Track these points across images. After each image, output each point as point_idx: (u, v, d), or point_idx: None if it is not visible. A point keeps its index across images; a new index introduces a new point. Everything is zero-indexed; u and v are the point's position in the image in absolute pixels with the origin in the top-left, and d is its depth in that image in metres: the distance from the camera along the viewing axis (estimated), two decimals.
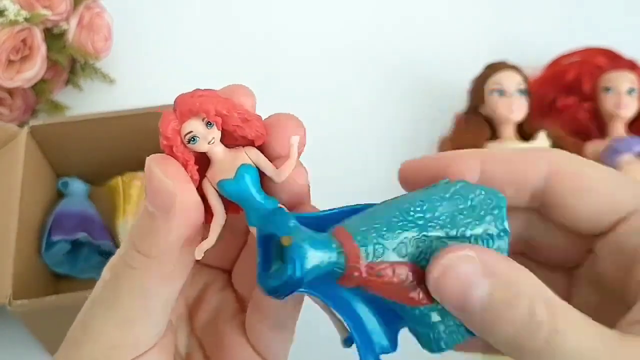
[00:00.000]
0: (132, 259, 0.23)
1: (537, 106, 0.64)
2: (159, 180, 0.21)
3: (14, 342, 0.54)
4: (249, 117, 0.23)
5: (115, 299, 0.23)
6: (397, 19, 0.80)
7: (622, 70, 0.65)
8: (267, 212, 0.22)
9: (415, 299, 0.22)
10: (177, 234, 0.22)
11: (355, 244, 0.21)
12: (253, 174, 0.23)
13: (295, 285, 0.20)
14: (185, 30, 0.78)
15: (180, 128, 0.22)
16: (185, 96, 0.22)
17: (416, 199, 0.22)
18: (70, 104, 0.68)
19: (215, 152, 0.23)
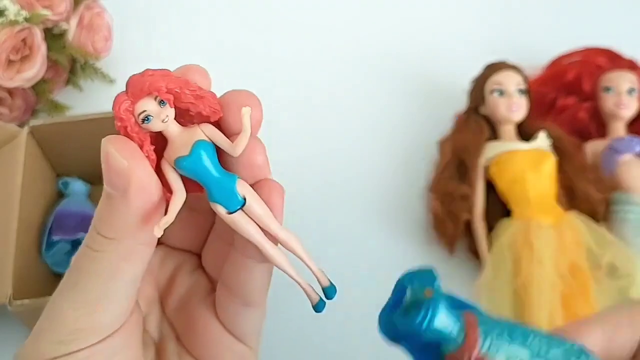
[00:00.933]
0: (93, 242, 0.23)
1: (537, 106, 0.64)
2: (115, 159, 0.22)
3: (14, 342, 0.53)
4: (202, 94, 0.23)
5: (76, 282, 0.23)
6: (397, 19, 0.80)
7: (622, 70, 0.65)
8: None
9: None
10: (135, 213, 0.22)
11: (478, 330, 0.22)
12: (209, 149, 0.23)
13: (415, 335, 0.22)
14: (185, 30, 0.78)
15: (133, 109, 0.22)
16: (136, 76, 0.22)
17: (543, 334, 0.23)
18: (70, 104, 0.68)
19: (171, 130, 0.23)
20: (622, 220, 0.59)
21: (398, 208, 0.64)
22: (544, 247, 0.55)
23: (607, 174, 0.61)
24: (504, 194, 0.59)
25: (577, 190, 0.60)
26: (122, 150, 0.22)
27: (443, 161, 0.63)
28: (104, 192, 0.22)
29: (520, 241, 0.56)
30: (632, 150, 0.61)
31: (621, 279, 0.55)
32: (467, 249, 0.60)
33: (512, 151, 0.60)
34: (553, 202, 0.59)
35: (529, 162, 0.59)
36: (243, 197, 0.23)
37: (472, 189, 0.60)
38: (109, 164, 0.22)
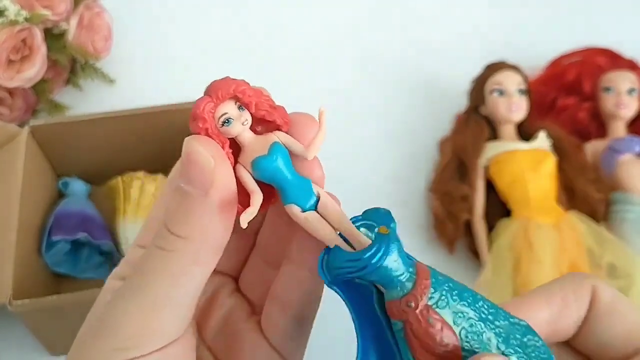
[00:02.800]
0: (164, 241, 0.22)
1: (537, 106, 0.64)
2: (201, 156, 0.21)
3: (14, 342, 0.54)
4: (276, 106, 0.23)
5: (143, 283, 0.21)
6: (397, 19, 0.80)
7: (622, 70, 0.65)
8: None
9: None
10: (213, 212, 0.21)
11: (428, 281, 0.21)
12: (285, 152, 0.23)
13: (364, 270, 0.21)
14: (185, 30, 0.78)
15: (215, 111, 0.22)
16: (219, 81, 0.23)
17: (490, 301, 0.23)
18: (70, 104, 0.68)
19: (246, 136, 0.23)
20: (621, 220, 0.59)
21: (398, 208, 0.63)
22: (544, 247, 0.55)
23: (606, 174, 0.61)
24: (504, 193, 0.59)
25: (577, 190, 0.60)
26: (208, 149, 0.21)
27: (443, 161, 0.63)
28: (178, 190, 0.22)
29: (520, 241, 0.56)
30: (632, 150, 0.61)
31: (621, 279, 0.55)
32: (467, 249, 0.60)
33: (512, 151, 0.60)
34: (553, 202, 0.59)
35: (529, 162, 0.59)
36: (317, 196, 0.23)
37: (472, 189, 0.60)
38: (194, 160, 0.21)
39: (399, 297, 0.21)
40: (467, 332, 0.21)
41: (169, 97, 0.58)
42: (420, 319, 0.21)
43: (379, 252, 0.21)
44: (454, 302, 0.21)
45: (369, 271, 0.21)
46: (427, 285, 0.21)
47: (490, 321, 0.22)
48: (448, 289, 0.22)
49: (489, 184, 0.61)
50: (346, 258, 0.21)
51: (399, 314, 0.21)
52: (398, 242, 0.22)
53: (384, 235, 0.21)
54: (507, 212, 0.59)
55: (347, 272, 0.21)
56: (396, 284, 0.21)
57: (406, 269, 0.22)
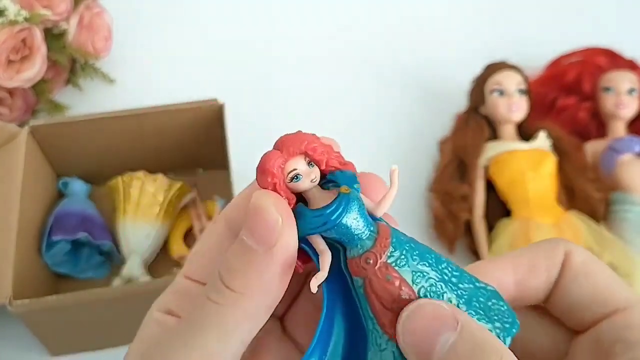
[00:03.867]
0: (217, 294, 0.21)
1: (537, 106, 0.64)
2: (270, 213, 0.21)
3: (14, 342, 0.54)
4: (346, 162, 0.23)
5: (192, 335, 0.21)
6: (397, 20, 0.80)
7: (622, 70, 0.65)
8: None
9: (394, 323, 0.22)
10: (273, 271, 0.21)
11: (388, 240, 0.22)
12: (353, 199, 0.23)
13: (326, 226, 0.22)
14: (185, 30, 0.78)
15: (284, 166, 0.22)
16: (291, 136, 0.23)
17: (456, 265, 0.23)
18: (70, 104, 0.68)
19: (314, 192, 0.23)
20: (621, 220, 0.59)
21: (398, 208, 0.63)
22: None
23: (606, 174, 0.61)
24: (504, 193, 0.59)
25: (577, 190, 0.60)
26: (277, 206, 0.21)
27: (443, 161, 0.63)
28: (240, 244, 0.21)
29: (520, 241, 0.56)
30: (631, 150, 0.61)
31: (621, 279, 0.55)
32: (467, 249, 0.60)
33: (512, 151, 0.60)
34: (553, 202, 0.59)
35: (528, 162, 0.59)
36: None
37: (472, 189, 0.60)
38: (261, 216, 0.21)
39: (359, 254, 0.22)
40: (427, 291, 0.22)
41: (169, 97, 0.58)
42: (379, 276, 0.22)
43: (339, 209, 0.22)
44: (414, 261, 0.22)
45: (329, 227, 0.22)
46: (387, 244, 0.22)
47: (453, 283, 0.22)
48: (409, 249, 0.22)
49: (489, 184, 0.61)
50: (310, 215, 0.22)
51: (359, 271, 0.22)
52: (359, 202, 0.22)
53: (345, 194, 0.22)
54: (507, 212, 0.59)
55: (310, 227, 0.22)
56: (357, 241, 0.22)
57: (367, 228, 0.22)
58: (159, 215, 0.56)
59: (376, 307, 0.22)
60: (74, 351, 0.53)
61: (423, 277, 0.22)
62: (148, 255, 0.55)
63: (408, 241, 0.23)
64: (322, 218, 0.22)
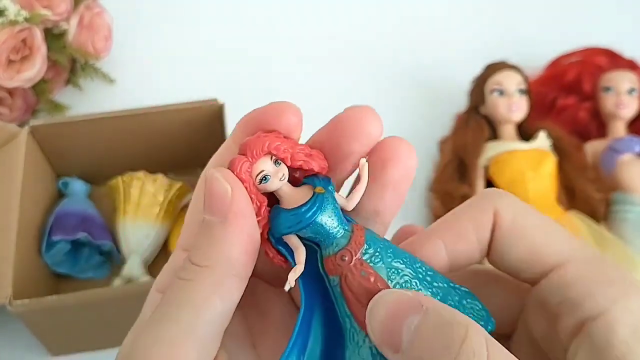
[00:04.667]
0: (184, 271, 0.22)
1: (537, 106, 0.64)
2: (219, 184, 0.22)
3: (14, 342, 0.54)
4: (311, 152, 0.24)
5: (167, 313, 0.22)
6: (397, 20, 0.80)
7: (622, 70, 0.65)
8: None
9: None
10: (232, 240, 0.22)
11: (363, 238, 0.23)
12: (326, 199, 0.23)
13: (301, 224, 0.22)
14: (185, 30, 0.78)
15: (251, 169, 0.23)
16: (253, 138, 0.23)
17: (430, 266, 0.23)
18: (70, 104, 0.68)
19: (284, 190, 0.23)
20: (621, 220, 0.59)
21: None
22: None
23: (606, 174, 0.61)
24: None
25: (577, 190, 0.60)
26: (225, 177, 0.22)
27: (443, 161, 0.63)
28: (202, 223, 0.22)
29: None
30: (632, 150, 0.61)
31: None
32: None
33: (512, 151, 0.60)
34: (553, 202, 0.59)
35: (529, 162, 0.59)
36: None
37: (472, 189, 0.60)
38: (212, 189, 0.22)
39: (334, 252, 0.23)
40: (402, 287, 0.22)
41: (169, 97, 0.58)
42: (354, 272, 0.22)
43: (313, 208, 0.22)
44: (389, 259, 0.22)
45: (304, 225, 0.22)
46: (362, 241, 0.22)
47: (427, 281, 0.23)
48: (383, 247, 0.23)
49: (489, 183, 0.61)
50: (285, 214, 0.23)
51: (335, 269, 0.22)
52: (333, 202, 0.23)
53: (320, 194, 0.23)
54: None
55: (286, 226, 0.23)
56: (332, 239, 0.23)
57: (341, 226, 0.23)
58: (159, 215, 0.56)
59: (352, 303, 0.22)
60: (74, 351, 0.53)
61: (398, 273, 0.22)
62: (148, 255, 0.55)
63: (382, 240, 0.23)
64: (297, 217, 0.22)
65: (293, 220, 0.22)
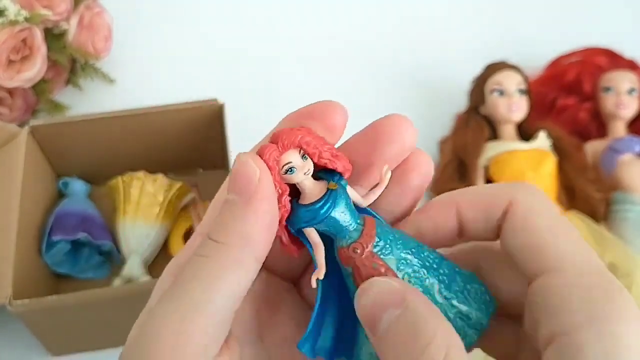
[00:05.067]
0: (201, 248, 0.22)
1: (537, 106, 0.64)
2: (249, 167, 0.22)
3: (14, 342, 0.54)
4: (337, 153, 0.25)
5: (180, 288, 0.22)
6: (397, 20, 0.80)
7: (622, 70, 0.65)
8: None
9: None
10: (253, 221, 0.22)
11: (374, 231, 0.24)
12: (340, 195, 0.24)
13: (315, 220, 0.23)
14: (185, 30, 0.78)
15: (279, 159, 0.23)
16: (286, 130, 0.24)
17: (436, 253, 0.25)
18: (70, 104, 0.68)
19: (306, 183, 0.24)
20: (622, 220, 0.59)
21: None
22: None
23: (606, 174, 0.61)
24: None
25: (577, 190, 0.60)
26: (256, 161, 0.23)
27: (443, 161, 0.63)
28: (225, 203, 0.23)
29: None
30: (632, 150, 0.61)
31: (621, 279, 0.55)
32: None
33: (512, 151, 0.60)
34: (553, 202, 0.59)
35: (529, 162, 0.59)
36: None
37: None
38: (241, 170, 0.23)
39: (347, 245, 0.24)
40: (410, 277, 0.23)
41: (169, 97, 0.58)
42: (366, 264, 0.23)
43: (327, 204, 0.23)
44: (398, 250, 0.24)
45: (319, 220, 0.24)
46: (373, 235, 0.24)
47: (434, 269, 0.24)
48: (393, 239, 0.24)
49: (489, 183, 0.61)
50: (302, 210, 0.24)
51: (347, 260, 0.24)
52: (346, 197, 0.24)
53: (333, 190, 0.24)
54: None
55: (303, 221, 0.24)
56: (345, 233, 0.24)
57: (354, 221, 0.24)
58: (159, 216, 0.56)
59: None
60: (74, 351, 0.53)
61: (407, 264, 0.23)
62: (148, 255, 0.55)
63: (392, 232, 0.24)
64: (312, 213, 0.24)
65: (309, 216, 0.24)
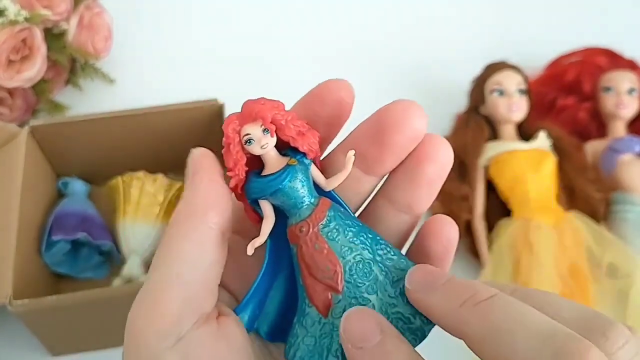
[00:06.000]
0: (168, 226, 0.24)
1: (537, 106, 0.64)
2: (195, 150, 0.25)
3: (14, 342, 0.54)
4: (305, 132, 0.25)
5: (151, 267, 0.24)
6: (397, 20, 0.80)
7: (622, 70, 0.65)
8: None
9: (319, 294, 0.23)
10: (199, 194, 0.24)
11: (324, 213, 0.24)
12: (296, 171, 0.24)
13: (265, 192, 0.24)
14: (185, 30, 0.78)
15: (239, 130, 0.24)
16: (250, 101, 0.24)
17: (396, 249, 0.25)
18: (70, 104, 0.68)
19: (268, 157, 0.25)
20: (622, 220, 0.59)
21: None
22: (544, 248, 0.55)
23: (606, 174, 0.61)
24: (504, 194, 0.59)
25: (577, 190, 0.60)
26: (200, 149, 0.25)
27: None
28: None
29: (520, 241, 0.56)
30: (632, 150, 0.61)
31: (621, 279, 0.55)
32: (467, 249, 0.60)
33: (512, 151, 0.60)
34: (553, 202, 0.59)
35: (529, 162, 0.59)
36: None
37: (472, 189, 0.60)
38: (192, 155, 0.25)
39: (296, 222, 0.24)
40: (353, 266, 0.23)
41: (169, 97, 0.58)
42: (308, 244, 0.23)
43: (279, 178, 0.24)
44: (346, 237, 0.24)
45: (269, 192, 0.24)
46: (322, 215, 0.24)
47: (385, 265, 0.24)
48: (345, 225, 0.24)
49: (489, 184, 0.61)
50: (255, 181, 0.24)
51: (293, 238, 0.24)
52: (303, 174, 0.24)
53: (292, 165, 0.24)
54: (507, 212, 0.59)
55: (254, 192, 0.24)
56: (296, 210, 0.24)
57: (308, 199, 0.24)
58: (159, 216, 0.56)
59: (304, 273, 0.24)
60: (74, 351, 0.53)
61: (352, 252, 0.23)
62: (148, 255, 0.55)
63: (349, 218, 0.24)
64: (263, 184, 0.24)
65: (259, 187, 0.24)
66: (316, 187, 0.25)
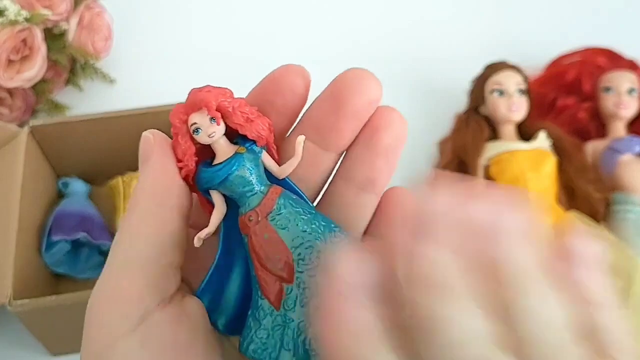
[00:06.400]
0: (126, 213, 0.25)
1: (537, 106, 0.64)
2: (145, 135, 0.26)
3: (14, 342, 0.54)
4: (253, 118, 0.24)
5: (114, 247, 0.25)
6: (397, 20, 0.80)
7: (622, 70, 0.65)
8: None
9: (270, 286, 0.23)
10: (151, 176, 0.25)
11: (274, 202, 0.23)
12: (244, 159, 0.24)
13: (213, 181, 0.23)
14: (185, 30, 0.78)
15: (186, 119, 0.24)
16: (195, 90, 0.24)
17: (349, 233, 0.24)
18: (70, 104, 0.68)
19: (217, 147, 0.24)
20: (622, 220, 0.59)
21: None
22: None
23: (607, 174, 0.61)
24: None
25: (577, 190, 0.60)
26: (152, 130, 0.26)
27: (443, 161, 0.63)
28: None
29: None
30: (632, 150, 0.61)
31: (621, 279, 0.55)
32: None
33: (512, 151, 0.60)
34: (553, 202, 0.59)
35: (529, 162, 0.59)
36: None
37: None
38: (142, 141, 0.25)
39: (246, 212, 0.23)
40: (303, 257, 0.22)
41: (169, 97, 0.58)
42: (257, 233, 0.23)
43: (226, 167, 0.23)
44: (297, 227, 0.23)
45: (215, 182, 0.23)
46: (272, 204, 0.23)
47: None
48: (295, 213, 0.23)
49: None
50: (203, 171, 0.24)
51: (244, 228, 0.23)
52: (252, 162, 0.23)
53: (239, 154, 0.23)
54: None
55: (203, 182, 0.24)
56: (245, 199, 0.23)
57: (258, 188, 0.23)
58: None
59: (255, 263, 0.23)
60: (74, 351, 0.53)
61: (302, 242, 0.23)
62: None
63: (300, 205, 0.23)
64: (210, 174, 0.23)
65: (207, 177, 0.23)
66: (271, 175, 0.24)
